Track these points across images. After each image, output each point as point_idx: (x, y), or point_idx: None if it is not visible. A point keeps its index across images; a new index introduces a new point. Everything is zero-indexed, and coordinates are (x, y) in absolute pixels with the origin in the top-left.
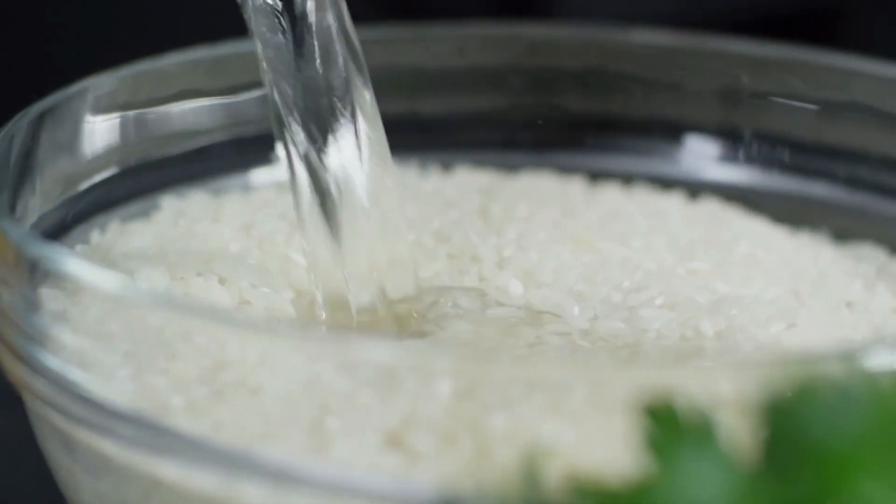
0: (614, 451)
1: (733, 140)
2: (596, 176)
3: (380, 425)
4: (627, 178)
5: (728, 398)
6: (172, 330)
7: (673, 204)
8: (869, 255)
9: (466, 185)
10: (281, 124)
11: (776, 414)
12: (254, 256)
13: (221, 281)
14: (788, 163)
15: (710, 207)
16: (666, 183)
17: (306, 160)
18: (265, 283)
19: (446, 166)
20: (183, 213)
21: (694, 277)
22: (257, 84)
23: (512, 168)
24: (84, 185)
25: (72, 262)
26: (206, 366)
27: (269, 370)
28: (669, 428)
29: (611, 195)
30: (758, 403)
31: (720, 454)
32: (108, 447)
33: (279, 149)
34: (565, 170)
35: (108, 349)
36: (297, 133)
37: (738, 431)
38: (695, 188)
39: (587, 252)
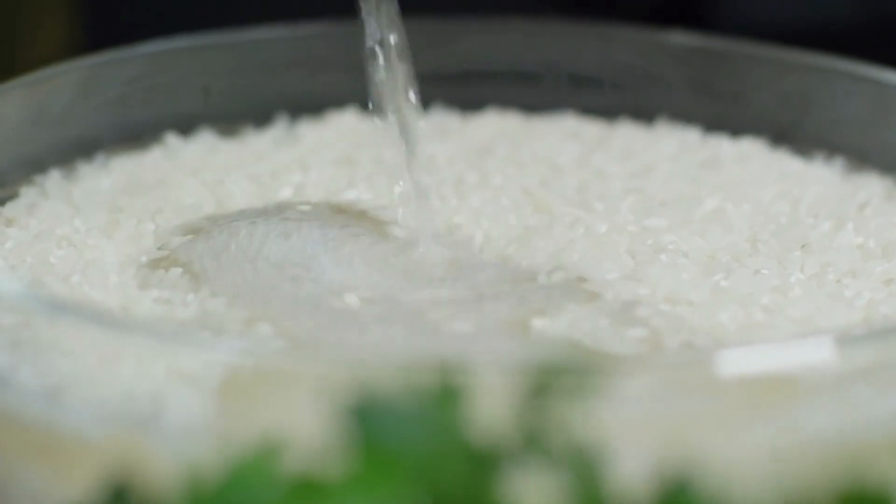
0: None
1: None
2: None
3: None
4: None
5: None
6: None
7: (668, 153)
8: (869, 186)
9: (469, 141)
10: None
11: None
12: (204, 209)
13: (156, 230)
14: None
15: (726, 149)
16: None
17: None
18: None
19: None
20: (174, 156)
21: (644, 234)
22: None
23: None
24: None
25: None
26: None
27: None
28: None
29: (606, 155)
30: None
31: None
32: None
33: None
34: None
35: None
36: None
37: None
38: None
39: (542, 213)
